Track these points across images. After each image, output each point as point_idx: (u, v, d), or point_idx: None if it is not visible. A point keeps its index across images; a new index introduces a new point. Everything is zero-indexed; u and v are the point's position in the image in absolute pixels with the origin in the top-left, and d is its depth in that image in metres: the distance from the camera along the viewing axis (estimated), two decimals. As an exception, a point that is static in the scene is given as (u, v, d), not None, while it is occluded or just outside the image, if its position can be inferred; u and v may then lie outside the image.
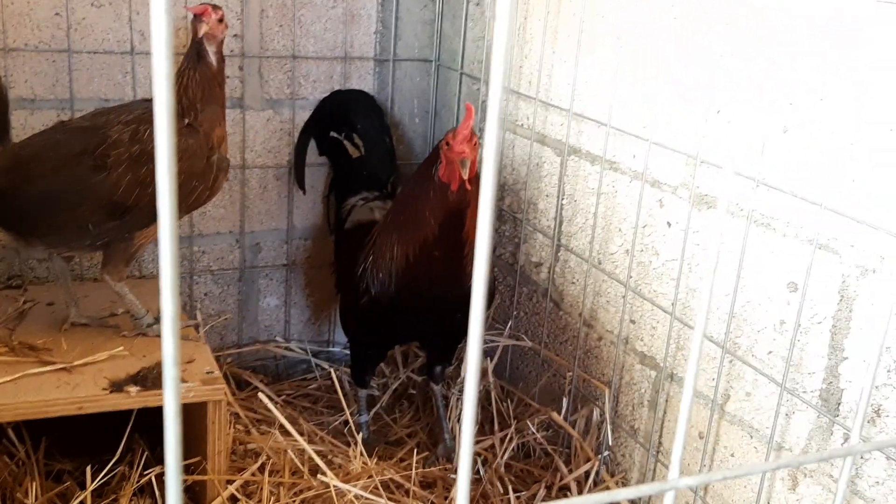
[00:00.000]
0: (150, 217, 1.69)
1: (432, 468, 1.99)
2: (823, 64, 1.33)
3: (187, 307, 2.31)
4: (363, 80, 2.37)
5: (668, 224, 1.69)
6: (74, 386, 1.54)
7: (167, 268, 0.41)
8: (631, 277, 1.79)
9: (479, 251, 0.45)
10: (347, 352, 2.52)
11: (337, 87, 2.33)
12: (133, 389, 1.54)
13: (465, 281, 1.77)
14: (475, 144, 1.68)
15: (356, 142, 2.32)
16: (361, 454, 1.79)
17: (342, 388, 2.28)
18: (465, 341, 2.17)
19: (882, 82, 1.25)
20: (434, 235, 1.75)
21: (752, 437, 1.54)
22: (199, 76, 1.71)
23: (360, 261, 1.89)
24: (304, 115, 2.32)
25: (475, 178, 1.71)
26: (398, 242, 1.80)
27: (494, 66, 0.46)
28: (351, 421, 1.99)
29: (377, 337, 2.00)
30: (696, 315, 0.51)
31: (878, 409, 1.31)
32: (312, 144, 2.33)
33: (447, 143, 1.69)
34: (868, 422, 1.32)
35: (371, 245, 1.88)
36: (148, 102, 1.72)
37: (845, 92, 1.30)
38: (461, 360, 2.20)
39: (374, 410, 2.26)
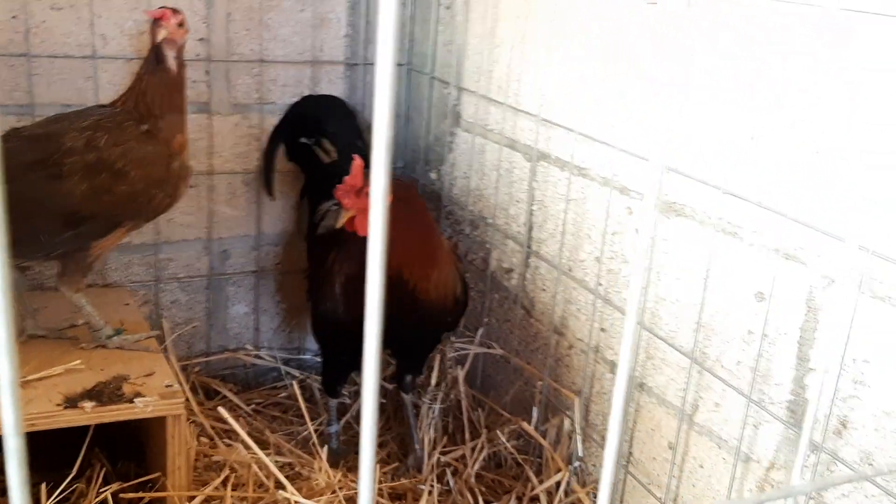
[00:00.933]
0: (108, 226, 1.65)
1: (402, 480, 1.95)
2: (788, 73, 1.31)
3: (153, 316, 2.27)
4: (333, 84, 2.33)
5: (637, 231, 1.67)
6: (27, 402, 1.50)
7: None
8: (601, 285, 1.77)
9: (371, 276, 0.42)
10: (319, 359, 2.49)
11: (307, 92, 2.30)
12: (88, 405, 1.50)
13: (418, 303, 1.75)
14: (365, 195, 1.67)
15: (326, 147, 2.28)
16: (325, 469, 1.75)
17: (311, 396, 2.25)
18: (435, 350, 2.14)
19: (846, 93, 1.23)
20: (355, 272, 1.75)
21: (720, 447, 1.51)
22: (158, 81, 1.67)
23: (318, 279, 1.88)
24: (272, 120, 2.28)
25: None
26: (334, 274, 1.80)
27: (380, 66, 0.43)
28: (314, 434, 1.95)
29: (344, 346, 1.96)
30: (627, 305, 0.48)
31: (844, 421, 1.29)
32: (283, 150, 2.29)
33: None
34: (834, 433, 1.30)
35: (328, 270, 1.86)
36: (104, 108, 1.68)
37: (810, 101, 1.28)
38: (432, 369, 2.17)
39: (344, 419, 2.22)
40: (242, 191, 2.30)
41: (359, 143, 2.29)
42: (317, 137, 2.27)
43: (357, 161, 1.70)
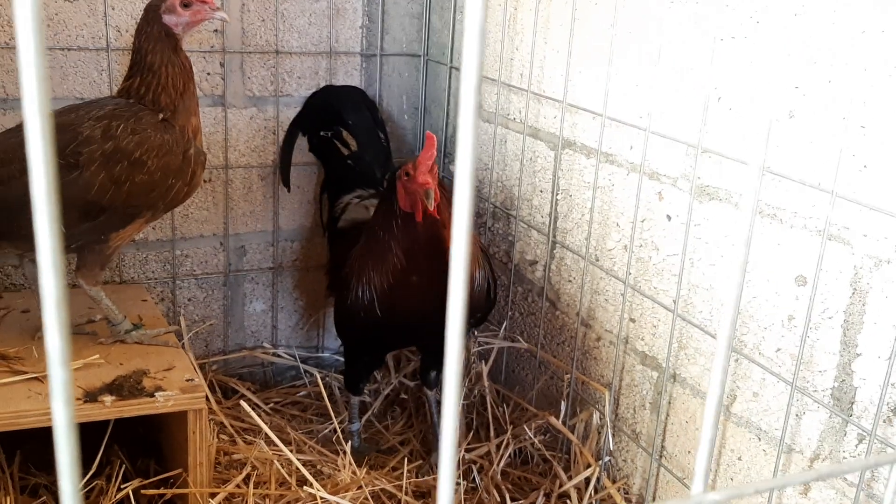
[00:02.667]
0: (126, 217, 1.61)
1: (425, 477, 1.91)
2: (831, 43, 1.26)
3: (170, 313, 2.23)
4: (349, 75, 2.29)
5: (668, 217, 1.62)
6: (47, 396, 1.45)
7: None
8: (630, 274, 1.72)
9: (455, 272, 0.38)
10: (338, 357, 2.45)
11: (323, 84, 2.26)
12: (108, 399, 1.46)
13: None
14: (434, 173, 1.65)
15: (345, 139, 2.25)
16: (350, 464, 1.71)
17: (331, 394, 2.21)
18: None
19: (894, 63, 1.18)
20: (402, 265, 1.71)
21: (760, 438, 1.46)
22: (178, 70, 1.64)
23: (347, 278, 1.82)
24: (288, 113, 2.24)
25: (442, 205, 1.67)
26: (373, 270, 1.75)
27: (466, 65, 0.38)
28: (339, 430, 1.91)
29: (371, 342, 1.92)
30: (720, 326, 0.44)
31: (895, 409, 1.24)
32: (301, 143, 2.25)
33: (407, 174, 1.65)
34: (884, 421, 1.25)
35: (351, 266, 1.81)
36: (117, 98, 1.64)
37: (856, 73, 1.23)
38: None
39: (365, 417, 2.18)
40: (259, 185, 2.26)
41: (379, 134, 2.25)
42: (336, 129, 2.23)
43: (429, 135, 1.65)
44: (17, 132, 1.60)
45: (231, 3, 2.09)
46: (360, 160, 2.20)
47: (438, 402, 2.06)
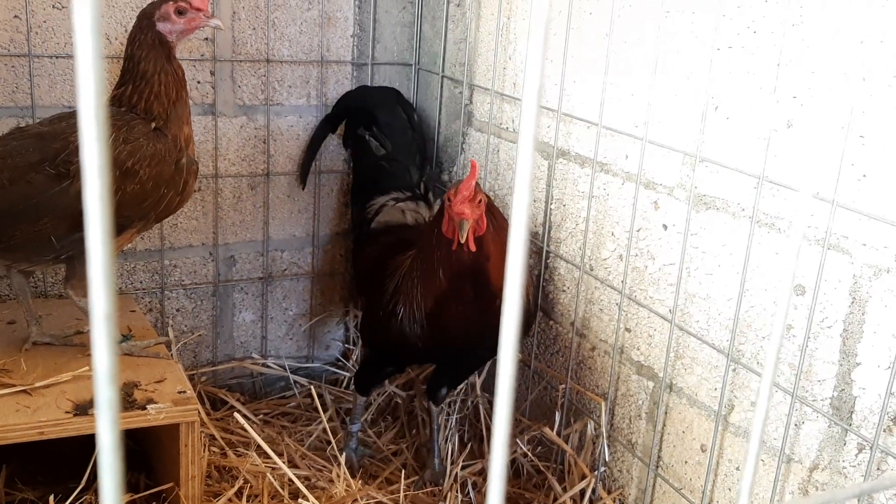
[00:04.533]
0: (117, 227, 1.59)
1: (419, 491, 1.89)
2: (830, 53, 1.27)
3: (159, 323, 2.20)
4: (340, 84, 2.28)
5: (664, 227, 1.62)
6: (35, 409, 1.43)
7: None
8: (625, 284, 1.71)
9: (508, 310, 0.36)
10: (327, 367, 2.42)
11: (314, 93, 2.25)
12: (99, 412, 1.43)
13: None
14: (479, 203, 1.58)
15: (381, 139, 2.23)
16: (345, 476, 1.68)
17: (323, 405, 2.18)
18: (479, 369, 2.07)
19: (892, 71, 1.19)
20: (444, 290, 1.65)
21: (759, 448, 1.45)
22: (172, 79, 1.62)
23: (388, 290, 1.78)
24: (279, 122, 2.23)
25: (485, 237, 1.62)
26: (420, 290, 1.71)
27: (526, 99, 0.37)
28: (334, 442, 1.88)
29: (400, 357, 1.90)
30: (766, 360, 0.43)
31: None
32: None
33: (448, 199, 1.60)
34: (884, 430, 1.25)
35: (396, 283, 1.77)
36: (110, 107, 1.61)
37: (855, 82, 1.24)
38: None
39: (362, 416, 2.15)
40: (249, 195, 2.24)
41: (414, 136, 2.23)
42: (370, 129, 2.22)
43: (473, 164, 1.59)
44: (4, 142, 1.57)
45: (222, 12, 2.08)
46: (394, 161, 2.17)
47: (445, 419, 2.04)
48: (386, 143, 2.20)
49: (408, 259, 1.77)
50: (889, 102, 1.19)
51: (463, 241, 1.57)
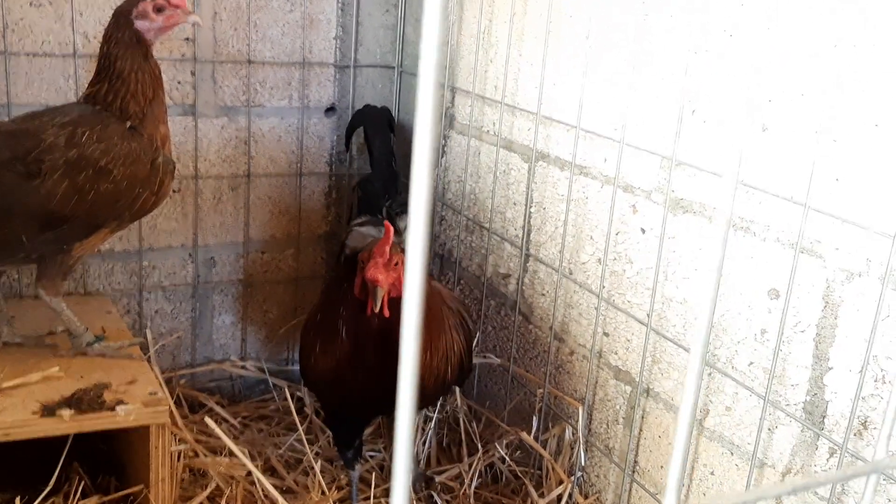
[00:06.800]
0: (90, 227, 1.57)
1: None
2: (804, 57, 1.26)
3: (136, 325, 2.18)
4: (323, 87, 2.27)
5: (642, 230, 1.61)
6: (1, 410, 1.41)
7: None
8: (604, 287, 1.70)
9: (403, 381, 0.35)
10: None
11: (295, 95, 2.23)
12: (67, 413, 1.41)
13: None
14: (395, 265, 1.47)
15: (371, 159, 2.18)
16: (320, 484, 1.67)
17: (300, 409, 2.17)
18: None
19: (866, 76, 1.18)
20: (348, 354, 1.55)
21: (732, 453, 1.45)
22: (149, 77, 1.60)
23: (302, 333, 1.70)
24: (260, 123, 2.21)
25: (395, 301, 1.48)
26: (320, 348, 1.60)
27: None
28: (309, 450, 1.85)
29: (334, 410, 1.78)
30: (692, 341, 0.42)
31: (865, 422, 1.23)
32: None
33: (362, 262, 1.49)
34: (855, 434, 1.24)
35: (306, 330, 1.69)
36: (83, 105, 1.60)
37: (828, 87, 1.23)
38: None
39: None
40: (229, 196, 2.22)
41: (392, 160, 2.14)
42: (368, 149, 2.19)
43: (387, 227, 1.49)
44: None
45: (203, 12, 2.06)
46: (370, 185, 2.09)
47: (423, 423, 2.02)
48: (374, 162, 2.15)
49: (316, 308, 1.67)
50: (862, 107, 1.19)
51: (377, 309, 1.46)
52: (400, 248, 1.52)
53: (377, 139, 2.15)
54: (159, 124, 1.61)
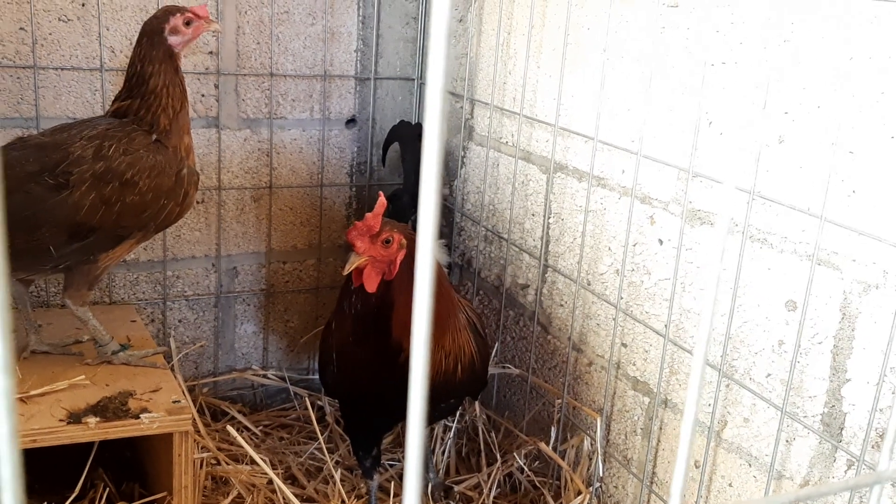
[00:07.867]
0: (116, 238, 1.61)
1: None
2: (821, 69, 1.27)
3: (160, 334, 2.21)
4: (344, 99, 2.30)
5: (660, 241, 1.62)
6: (29, 417, 1.44)
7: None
8: (622, 298, 1.71)
9: (416, 360, 0.36)
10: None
11: (316, 107, 2.27)
12: (92, 420, 1.44)
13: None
14: (382, 242, 1.49)
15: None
16: (340, 493, 1.68)
17: (320, 418, 2.19)
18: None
19: (881, 88, 1.19)
20: (350, 331, 1.58)
21: (750, 465, 1.45)
22: (179, 90, 1.64)
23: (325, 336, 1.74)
24: (282, 135, 2.25)
25: (394, 284, 1.52)
26: (332, 336, 1.65)
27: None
28: (329, 458, 1.87)
29: (349, 412, 1.80)
30: (696, 342, 0.43)
31: (883, 434, 1.22)
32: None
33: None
34: (872, 447, 1.24)
35: (327, 324, 1.73)
36: (110, 118, 1.64)
37: (844, 99, 1.24)
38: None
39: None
40: (252, 207, 2.26)
41: (417, 177, 2.20)
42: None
43: (381, 198, 1.52)
44: (4, 152, 1.59)
45: (226, 26, 2.10)
46: (398, 198, 2.13)
47: (431, 429, 2.04)
48: (405, 176, 2.20)
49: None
50: (877, 118, 1.19)
51: (344, 272, 1.49)
52: (404, 232, 1.55)
53: (408, 153, 2.19)
54: (184, 135, 1.64)
